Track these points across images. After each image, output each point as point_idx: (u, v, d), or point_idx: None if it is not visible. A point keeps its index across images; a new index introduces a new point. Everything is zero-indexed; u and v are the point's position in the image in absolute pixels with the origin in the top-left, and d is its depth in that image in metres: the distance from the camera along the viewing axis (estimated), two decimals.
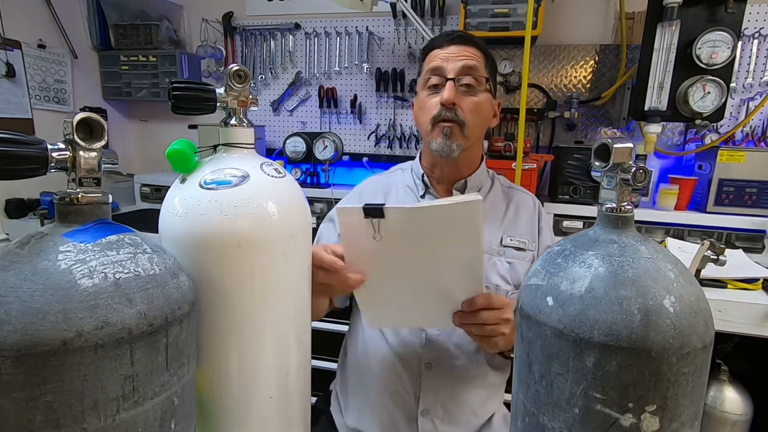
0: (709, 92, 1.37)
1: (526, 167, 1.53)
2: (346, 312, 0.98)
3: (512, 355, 0.79)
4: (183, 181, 0.50)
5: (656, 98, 1.40)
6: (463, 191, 0.92)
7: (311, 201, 1.25)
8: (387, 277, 0.67)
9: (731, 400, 1.20)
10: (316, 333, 0.60)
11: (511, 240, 0.90)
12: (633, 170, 0.42)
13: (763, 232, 1.46)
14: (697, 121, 1.41)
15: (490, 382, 0.90)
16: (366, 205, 0.60)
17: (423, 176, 0.95)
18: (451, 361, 0.86)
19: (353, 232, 0.64)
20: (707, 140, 1.73)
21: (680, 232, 1.54)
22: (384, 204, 0.59)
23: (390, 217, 0.60)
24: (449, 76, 0.85)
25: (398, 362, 0.87)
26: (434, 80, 0.88)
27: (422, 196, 0.94)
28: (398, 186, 0.99)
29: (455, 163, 0.90)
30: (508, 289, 0.87)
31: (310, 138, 1.94)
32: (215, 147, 0.53)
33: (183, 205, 0.47)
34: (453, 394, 0.86)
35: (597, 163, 0.44)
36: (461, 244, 0.62)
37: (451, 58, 0.87)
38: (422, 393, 0.85)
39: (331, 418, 0.96)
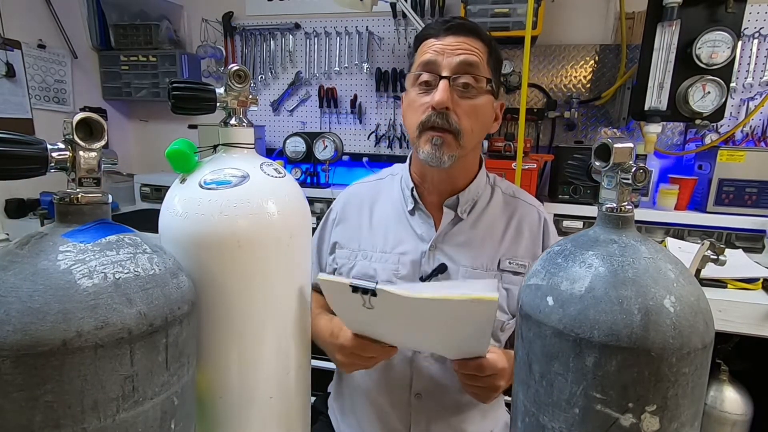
0: (709, 92, 1.37)
1: (526, 167, 1.53)
2: None
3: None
4: (183, 181, 0.50)
5: (656, 98, 1.40)
6: (455, 209, 0.81)
7: (311, 201, 1.24)
8: (379, 327, 0.62)
9: (731, 400, 1.20)
10: None
11: (510, 264, 0.80)
12: (633, 170, 0.42)
13: (763, 232, 1.46)
14: (697, 121, 1.41)
15: (485, 406, 0.83)
16: (354, 282, 0.53)
17: (413, 190, 0.83)
18: (441, 390, 0.79)
19: (338, 297, 0.57)
20: (707, 140, 1.73)
21: (680, 232, 1.54)
22: (376, 284, 0.52)
23: (383, 297, 0.52)
24: (443, 74, 0.72)
25: (386, 390, 0.81)
26: (426, 77, 0.74)
27: (411, 212, 0.84)
28: (386, 198, 0.88)
29: (447, 173, 0.79)
30: (504, 320, 0.80)
31: (310, 138, 1.94)
32: (215, 147, 0.53)
33: (183, 205, 0.47)
34: (447, 423, 0.81)
35: (597, 163, 0.44)
36: (466, 330, 0.56)
37: (447, 51, 0.73)
38: (413, 423, 0.80)
39: (329, 420, 0.96)
